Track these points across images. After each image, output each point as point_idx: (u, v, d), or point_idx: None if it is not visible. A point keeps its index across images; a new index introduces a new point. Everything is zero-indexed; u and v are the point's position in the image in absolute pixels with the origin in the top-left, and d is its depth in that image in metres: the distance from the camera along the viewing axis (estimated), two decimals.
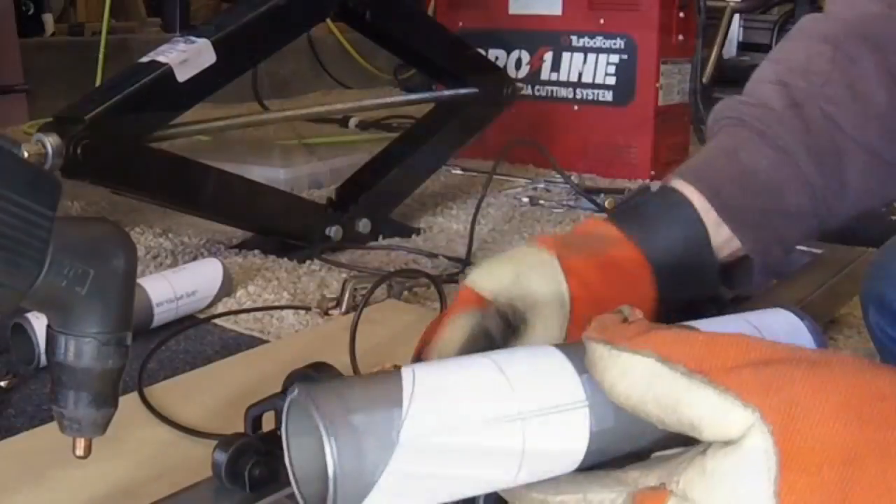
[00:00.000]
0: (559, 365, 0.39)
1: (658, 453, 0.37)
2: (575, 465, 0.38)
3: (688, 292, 0.62)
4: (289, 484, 0.57)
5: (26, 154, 1.04)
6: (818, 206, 0.63)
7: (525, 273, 0.56)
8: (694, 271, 0.61)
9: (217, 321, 1.09)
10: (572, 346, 0.40)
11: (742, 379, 0.33)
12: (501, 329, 0.54)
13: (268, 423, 0.59)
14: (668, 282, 0.60)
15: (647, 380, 0.35)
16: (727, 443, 0.33)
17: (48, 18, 2.66)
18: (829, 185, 0.63)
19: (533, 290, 0.55)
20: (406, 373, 0.37)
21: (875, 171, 0.64)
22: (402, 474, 0.35)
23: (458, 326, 0.54)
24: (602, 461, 0.39)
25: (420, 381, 0.37)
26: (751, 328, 0.52)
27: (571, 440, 0.38)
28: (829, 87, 0.63)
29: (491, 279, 0.56)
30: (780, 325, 0.54)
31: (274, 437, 0.58)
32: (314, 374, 0.57)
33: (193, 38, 1.22)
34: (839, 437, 0.32)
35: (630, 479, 0.36)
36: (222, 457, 0.56)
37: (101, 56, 2.19)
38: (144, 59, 1.21)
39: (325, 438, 0.34)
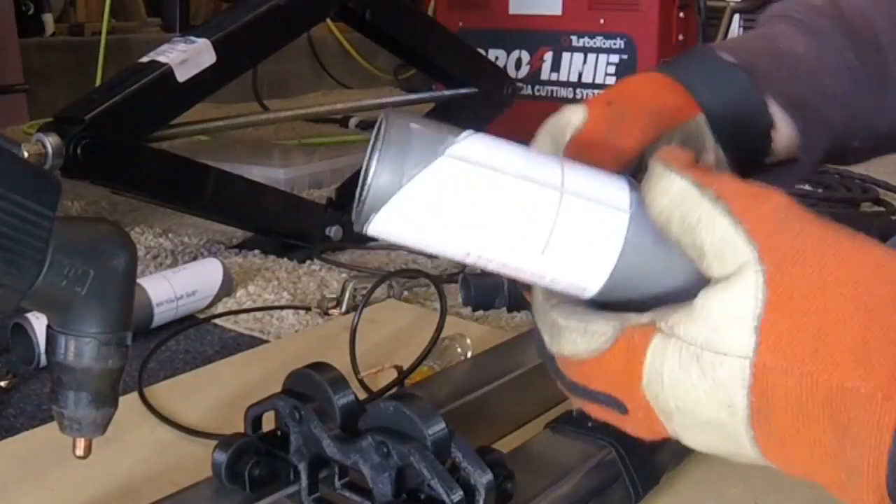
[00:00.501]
0: (615, 177, 0.40)
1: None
2: (600, 277, 0.38)
3: (737, 148, 0.55)
4: (288, 484, 0.57)
5: (26, 154, 1.04)
6: (861, 94, 0.58)
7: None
8: (744, 125, 0.54)
9: (217, 321, 1.09)
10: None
11: (760, 219, 0.35)
12: None
13: (268, 423, 0.59)
14: (722, 126, 0.53)
15: (681, 197, 0.36)
16: (721, 280, 0.35)
17: (48, 18, 2.66)
18: (870, 74, 0.58)
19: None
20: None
21: None
22: (433, 190, 0.36)
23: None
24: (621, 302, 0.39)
25: (482, 135, 0.38)
26: None
27: (604, 239, 0.38)
28: None
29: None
30: None
31: (274, 437, 0.59)
32: (314, 374, 0.57)
33: (193, 38, 1.22)
34: (832, 297, 0.33)
35: (626, 317, 0.37)
36: (222, 457, 0.56)
37: (101, 56, 2.19)
38: (144, 59, 1.21)
39: (379, 129, 0.37)
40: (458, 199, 0.37)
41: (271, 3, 1.29)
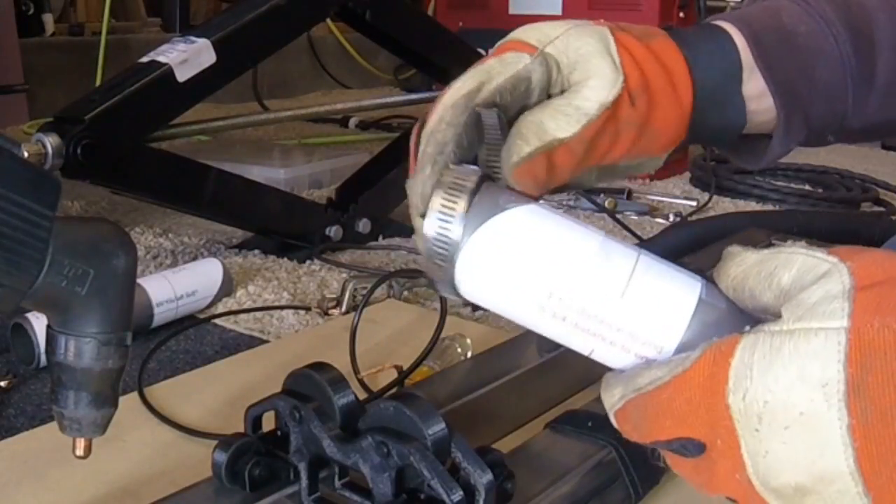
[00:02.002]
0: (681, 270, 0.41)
1: None
2: (677, 333, 0.38)
3: (710, 125, 0.56)
4: (288, 484, 0.57)
5: (26, 154, 1.04)
6: (846, 91, 0.58)
7: (576, 31, 0.52)
8: (723, 105, 0.56)
9: (217, 321, 1.09)
10: None
11: (835, 250, 0.36)
12: (544, 81, 0.49)
13: (268, 424, 0.59)
14: (701, 105, 0.54)
15: (755, 261, 0.38)
16: (809, 282, 0.35)
17: (48, 18, 2.66)
18: (860, 70, 0.58)
19: (584, 50, 0.51)
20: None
21: None
22: (512, 229, 0.39)
23: (506, 63, 0.49)
24: None
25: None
26: None
27: (680, 295, 0.39)
28: None
29: (537, 31, 0.53)
30: None
31: (274, 437, 0.59)
32: (314, 374, 0.57)
33: (193, 38, 1.22)
34: None
35: (708, 341, 0.37)
36: (222, 457, 0.56)
37: (101, 56, 2.19)
38: (144, 59, 1.21)
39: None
40: (544, 233, 0.39)
41: (271, 3, 1.29)
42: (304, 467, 0.55)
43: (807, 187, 1.83)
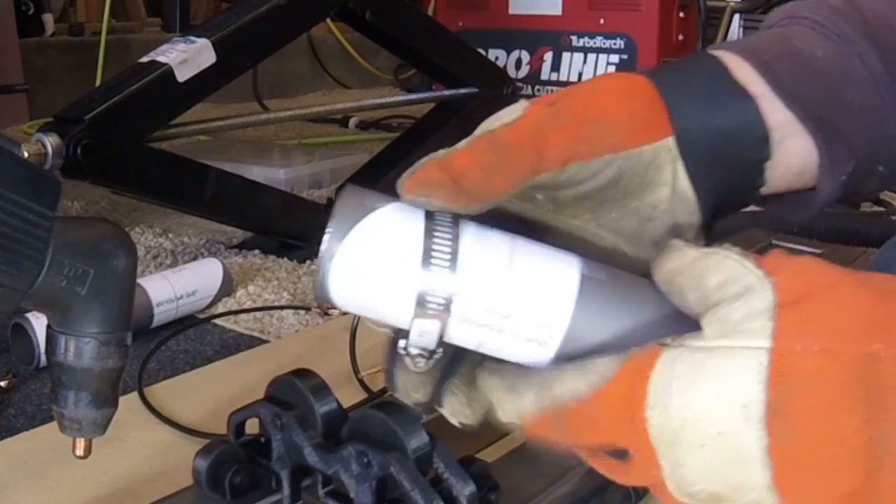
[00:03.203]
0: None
1: None
2: (564, 314, 0.37)
3: (720, 177, 0.46)
4: (271, 492, 0.56)
5: (26, 154, 1.04)
6: (885, 111, 0.49)
7: None
8: (732, 156, 0.46)
9: (217, 321, 1.09)
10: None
11: (763, 259, 0.35)
12: None
13: (256, 429, 0.59)
14: (698, 155, 0.45)
15: (692, 259, 0.36)
16: (732, 296, 0.34)
17: (48, 18, 2.66)
18: None
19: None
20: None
21: None
22: (380, 229, 0.36)
23: None
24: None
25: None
26: None
27: (561, 271, 0.37)
28: None
29: None
30: None
31: (257, 444, 0.58)
32: (296, 381, 0.56)
33: (193, 38, 1.22)
34: (836, 292, 0.34)
35: (628, 350, 0.36)
36: (203, 464, 0.55)
37: (101, 56, 2.19)
38: (144, 59, 1.21)
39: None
40: (415, 228, 0.36)
41: (271, 3, 1.29)
42: (287, 475, 0.55)
43: None
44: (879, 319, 0.33)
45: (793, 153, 0.47)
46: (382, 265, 0.36)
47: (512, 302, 0.36)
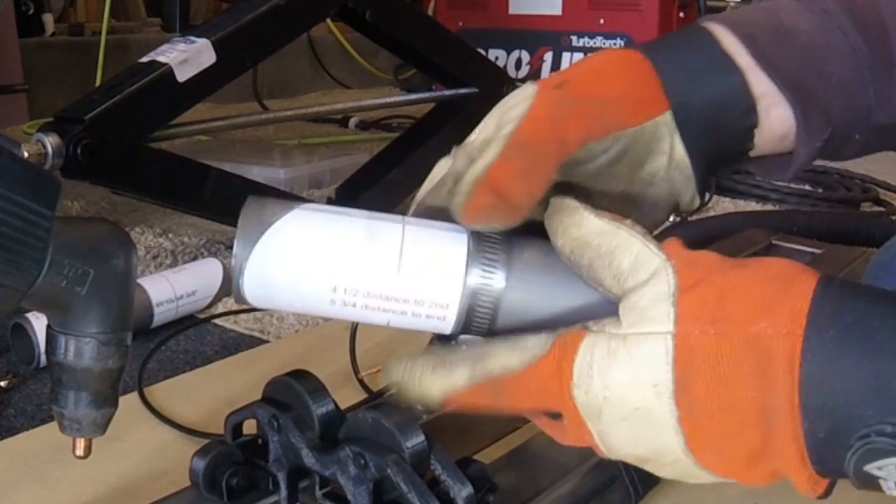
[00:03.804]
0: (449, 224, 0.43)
1: None
2: (456, 288, 0.41)
3: (711, 145, 0.50)
4: (268, 494, 0.57)
5: (26, 154, 1.04)
6: (864, 84, 0.53)
7: None
8: (723, 123, 0.50)
9: (217, 321, 1.09)
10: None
11: (665, 244, 0.39)
12: None
13: (249, 431, 0.58)
14: (693, 125, 0.49)
15: (597, 231, 0.40)
16: (641, 283, 0.38)
17: (48, 18, 2.65)
18: (876, 60, 0.53)
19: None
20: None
21: None
22: (289, 234, 0.41)
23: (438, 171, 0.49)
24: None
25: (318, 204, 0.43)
26: None
27: (450, 252, 0.41)
28: None
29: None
30: None
31: (255, 445, 0.58)
32: (293, 382, 0.56)
33: (193, 38, 1.22)
34: (730, 275, 0.38)
35: (557, 330, 0.40)
36: (200, 465, 0.55)
37: (101, 56, 2.18)
38: (144, 59, 1.21)
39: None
40: (312, 236, 0.41)
41: (271, 3, 1.28)
42: (284, 477, 0.55)
43: (807, 187, 1.83)
44: (766, 300, 0.37)
45: (776, 120, 0.50)
46: (292, 271, 0.41)
47: (406, 289, 0.41)
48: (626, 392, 0.37)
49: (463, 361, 0.40)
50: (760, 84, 0.50)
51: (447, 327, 0.42)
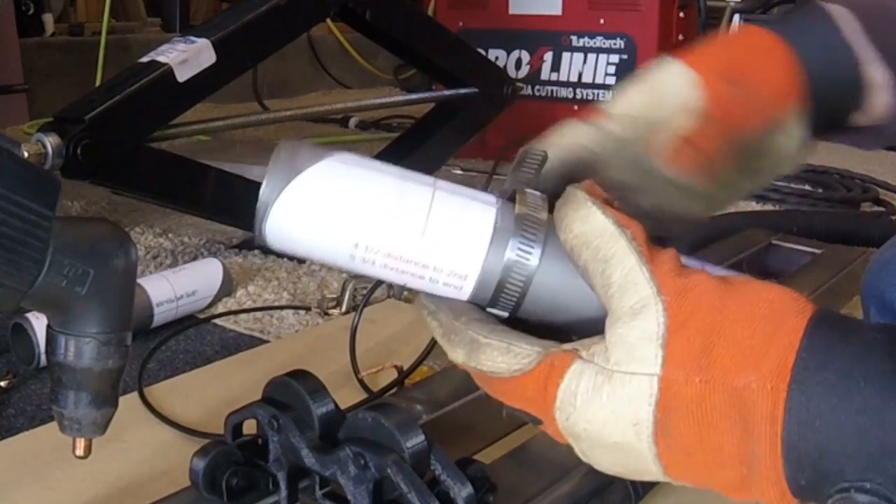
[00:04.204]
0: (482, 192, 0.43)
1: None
2: (476, 261, 0.40)
3: (822, 120, 0.55)
4: (268, 494, 0.56)
5: (26, 154, 1.04)
6: None
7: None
8: (838, 98, 0.55)
9: (217, 321, 1.09)
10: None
11: (661, 262, 0.39)
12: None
13: (249, 431, 0.58)
14: (809, 58, 0.54)
15: (600, 230, 0.39)
16: (628, 311, 0.38)
17: (48, 18, 2.66)
18: None
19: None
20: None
21: None
22: (316, 183, 0.40)
23: (572, 132, 0.51)
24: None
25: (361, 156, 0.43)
26: None
27: (476, 223, 0.41)
28: None
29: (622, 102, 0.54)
30: None
31: (254, 445, 0.57)
32: (293, 382, 0.56)
33: (193, 38, 1.22)
34: (719, 318, 0.38)
35: (549, 343, 0.40)
36: (200, 465, 0.55)
37: (101, 56, 2.18)
38: (144, 59, 1.21)
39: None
40: (340, 190, 0.40)
41: (271, 3, 1.28)
42: (284, 477, 0.55)
43: (807, 187, 1.83)
44: (754, 348, 0.37)
45: (880, 106, 0.55)
46: (316, 223, 0.40)
47: (427, 254, 0.40)
48: (606, 427, 0.38)
49: (463, 344, 0.41)
50: (871, 69, 0.54)
51: (463, 297, 0.41)
